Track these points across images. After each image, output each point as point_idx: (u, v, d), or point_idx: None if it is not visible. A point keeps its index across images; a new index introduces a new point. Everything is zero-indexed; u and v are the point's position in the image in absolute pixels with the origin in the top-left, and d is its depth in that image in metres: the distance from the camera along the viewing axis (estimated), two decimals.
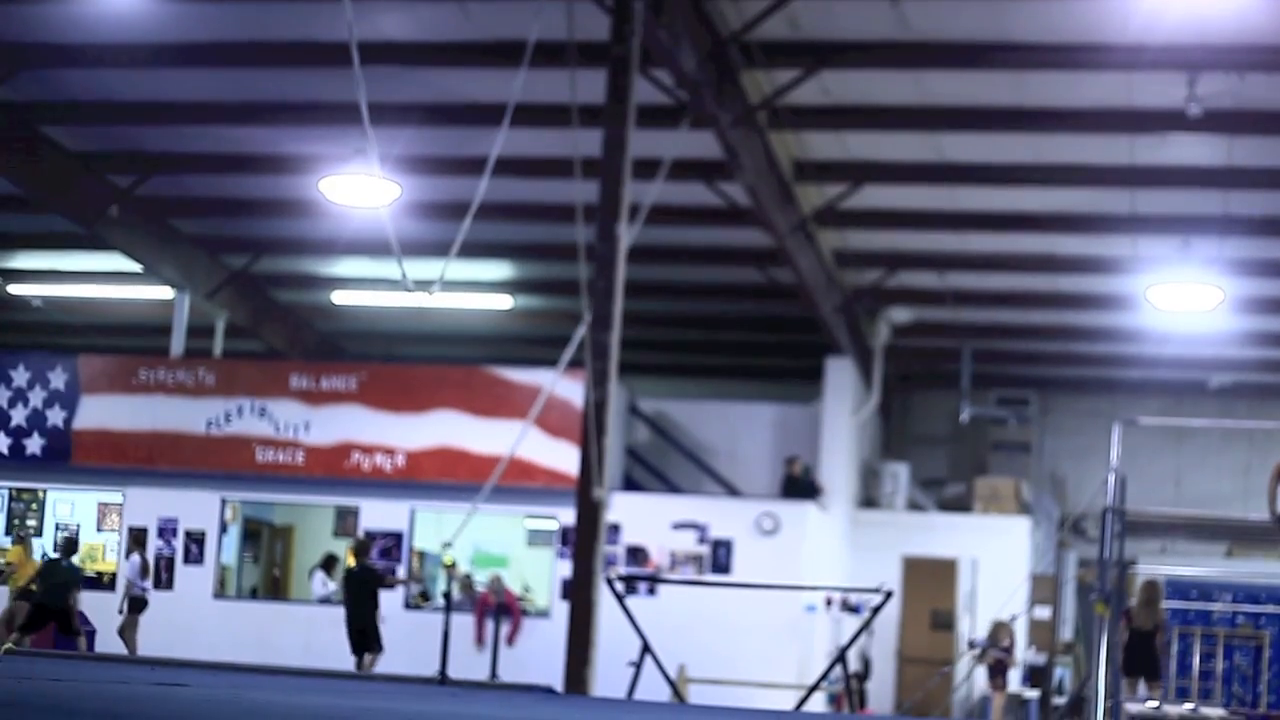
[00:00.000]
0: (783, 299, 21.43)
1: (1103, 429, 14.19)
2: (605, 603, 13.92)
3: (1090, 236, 19.47)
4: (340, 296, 23.68)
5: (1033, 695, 21.84)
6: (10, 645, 15.79)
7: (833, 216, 18.89)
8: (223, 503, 19.47)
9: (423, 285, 13.51)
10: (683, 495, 21.20)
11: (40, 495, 20.24)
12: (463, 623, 18.34)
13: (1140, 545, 19.42)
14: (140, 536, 19.10)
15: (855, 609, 19.90)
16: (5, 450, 19.80)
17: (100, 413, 19.68)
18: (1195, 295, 18.88)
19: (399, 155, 16.82)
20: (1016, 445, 25.59)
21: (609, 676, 14.22)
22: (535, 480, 19.12)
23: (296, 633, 18.89)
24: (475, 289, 22.53)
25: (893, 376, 25.09)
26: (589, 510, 13.83)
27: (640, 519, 19.66)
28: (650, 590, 18.54)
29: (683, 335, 25.00)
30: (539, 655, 17.93)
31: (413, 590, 19.64)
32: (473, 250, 16.84)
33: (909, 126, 16.52)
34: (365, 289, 23.20)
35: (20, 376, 19.94)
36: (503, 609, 19.02)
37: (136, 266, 21.27)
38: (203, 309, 22.00)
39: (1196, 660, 18.01)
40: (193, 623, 18.85)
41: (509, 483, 19.05)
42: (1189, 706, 13.93)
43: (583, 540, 13.92)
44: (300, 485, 19.24)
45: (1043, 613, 22.57)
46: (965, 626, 22.21)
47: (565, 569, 17.42)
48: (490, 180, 13.24)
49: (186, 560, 19.38)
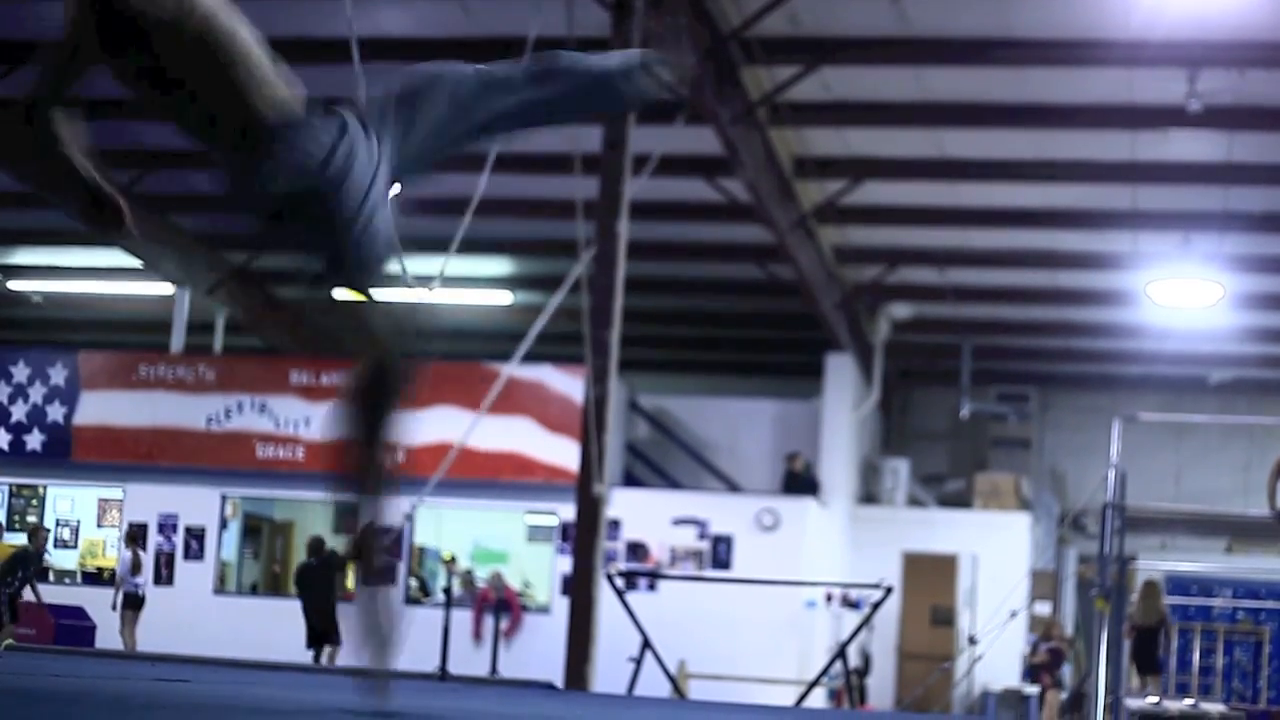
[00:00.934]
0: (783, 295, 21.43)
1: (1103, 425, 14.18)
2: (605, 599, 13.93)
3: (1090, 232, 19.47)
4: (340, 292, 23.64)
5: (1033, 691, 21.87)
6: (10, 641, 15.79)
7: (833, 213, 18.88)
8: (223, 499, 19.48)
9: (422, 281, 13.50)
10: (683, 491, 21.21)
11: (40, 491, 20.25)
12: (462, 618, 18.34)
13: (1140, 541, 19.44)
14: (134, 533, 19.06)
15: (855, 605, 19.90)
16: (5, 446, 19.81)
17: (100, 409, 19.68)
18: (1195, 291, 18.89)
19: None
20: (1017, 441, 25.59)
21: (609, 672, 14.22)
22: (535, 476, 19.14)
23: (297, 629, 18.88)
24: (475, 285, 22.52)
25: (893, 372, 25.09)
26: (589, 506, 13.83)
27: (640, 515, 19.67)
28: (650, 586, 18.55)
29: (683, 331, 25.00)
30: (539, 651, 17.93)
31: (412, 585, 19.65)
32: (472, 246, 16.81)
33: (909, 122, 16.51)
34: None
35: (20, 372, 19.95)
36: (502, 605, 19.03)
37: (137, 263, 21.27)
38: (203, 305, 22.00)
39: (1196, 656, 18.04)
40: (193, 619, 18.86)
41: (509, 479, 19.07)
42: (1189, 702, 13.94)
43: (583, 536, 13.92)
44: (301, 481, 19.24)
45: (1043, 608, 22.59)
46: (965, 622, 22.21)
47: (565, 565, 17.43)
48: (490, 176, 13.22)
49: (187, 556, 19.39)
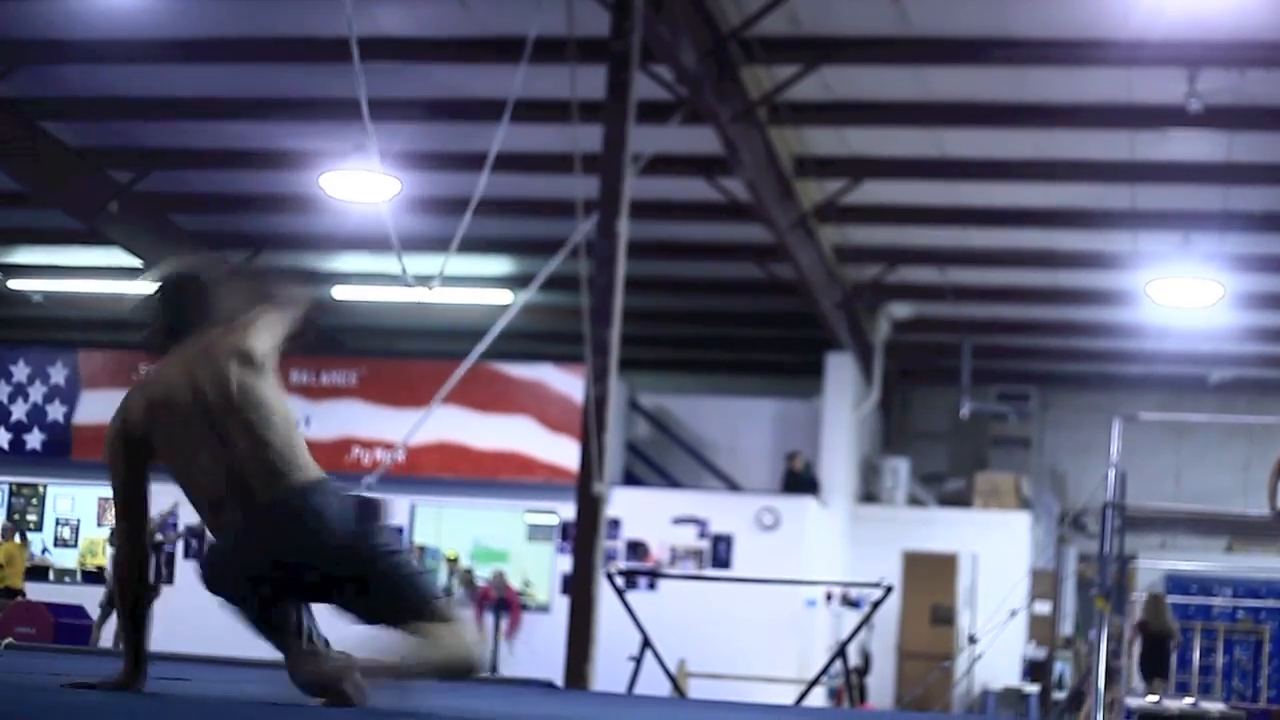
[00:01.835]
0: (783, 294, 21.43)
1: (1103, 424, 14.17)
2: (605, 598, 13.93)
3: (1090, 232, 19.47)
4: (340, 291, 23.68)
5: (1033, 690, 21.88)
6: (11, 640, 15.77)
7: (833, 212, 18.88)
8: None
9: (423, 280, 13.50)
10: (683, 490, 21.22)
11: (41, 490, 20.25)
12: None
13: (1140, 540, 19.44)
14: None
15: (855, 604, 19.92)
16: (5, 445, 19.81)
17: (101, 408, 19.67)
18: (1195, 291, 18.88)
19: (399, 151, 16.82)
20: (1017, 440, 25.60)
21: (609, 671, 14.22)
22: (535, 475, 19.14)
23: None
24: (475, 284, 22.52)
25: (893, 372, 25.09)
26: (589, 505, 13.83)
27: (640, 514, 19.68)
28: (650, 585, 18.55)
29: (683, 331, 25.00)
30: (539, 650, 17.94)
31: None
32: (473, 245, 16.83)
33: (909, 122, 16.51)
34: (365, 284, 23.19)
35: (20, 371, 19.96)
36: (502, 604, 19.03)
37: (137, 262, 21.28)
38: None
39: (1196, 655, 18.04)
40: (193, 617, 18.82)
41: (509, 478, 19.08)
42: (1189, 701, 13.95)
43: (583, 535, 13.92)
44: None
45: (1043, 608, 22.60)
46: (965, 621, 22.22)
47: (565, 564, 17.43)
48: (490, 175, 13.22)
49: (187, 555, 19.38)
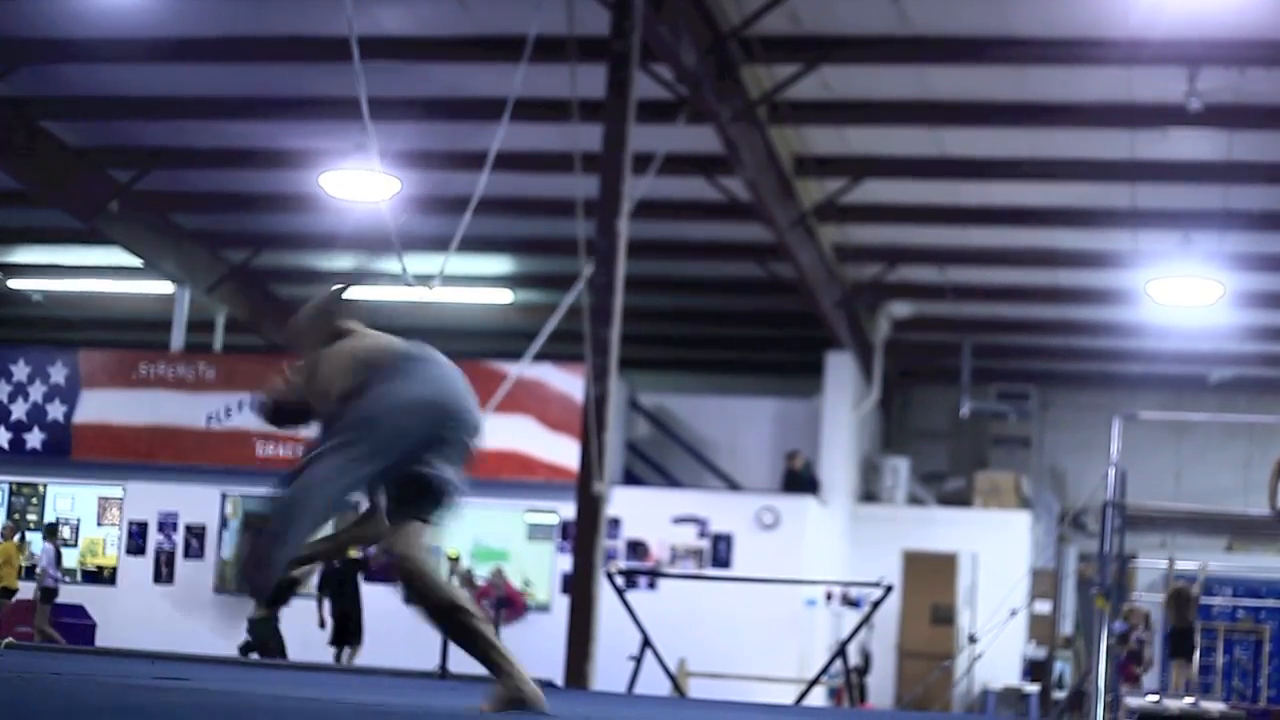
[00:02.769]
0: (783, 294, 21.43)
1: (1103, 423, 14.18)
2: (605, 597, 13.93)
3: (1090, 231, 19.47)
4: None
5: (1033, 689, 21.87)
6: (10, 640, 15.80)
7: (833, 211, 18.89)
8: (223, 497, 19.48)
9: (423, 280, 13.51)
10: (683, 490, 21.21)
11: (40, 489, 20.25)
12: None
13: (1140, 540, 19.42)
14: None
15: (855, 603, 19.91)
16: (5, 444, 19.81)
17: (100, 407, 19.69)
18: (1195, 290, 18.88)
19: (399, 150, 16.82)
20: (1017, 440, 25.59)
21: (609, 671, 14.23)
22: (535, 475, 19.14)
23: (296, 628, 18.89)
24: (475, 283, 22.53)
25: (893, 371, 25.09)
26: (589, 505, 13.84)
27: (640, 513, 19.67)
28: (650, 584, 18.55)
29: (683, 330, 25.01)
30: (539, 649, 17.89)
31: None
32: (473, 245, 16.85)
33: (909, 121, 16.52)
34: (365, 283, 23.18)
35: (20, 371, 19.95)
36: (503, 602, 19.02)
37: (137, 261, 21.28)
38: (203, 304, 22.01)
39: (1197, 654, 18.01)
40: (193, 617, 18.85)
41: (510, 477, 19.08)
42: (1189, 700, 13.93)
43: (583, 535, 13.93)
44: None
45: (1043, 607, 22.59)
46: (965, 621, 22.22)
47: (565, 563, 17.43)
48: (490, 175, 13.23)
49: (187, 555, 19.39)
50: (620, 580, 13.93)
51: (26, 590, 18.39)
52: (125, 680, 5.93)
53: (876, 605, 13.68)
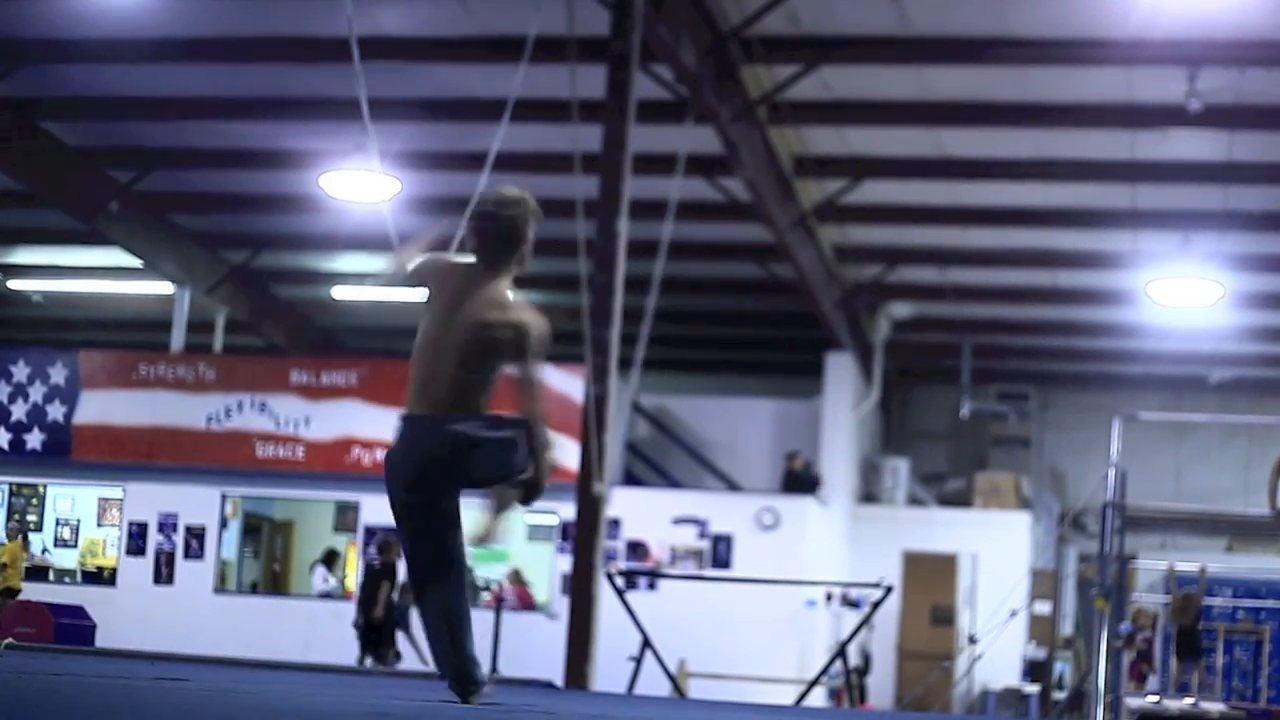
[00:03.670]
0: (783, 294, 21.43)
1: (1103, 424, 14.17)
2: (605, 598, 13.93)
3: (1090, 231, 19.48)
4: (340, 291, 23.68)
5: (1033, 690, 21.87)
6: (10, 640, 15.78)
7: (833, 212, 18.89)
8: (223, 498, 19.48)
9: None
10: (683, 490, 21.21)
11: (41, 490, 20.24)
12: None
13: (1140, 540, 19.41)
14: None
15: (855, 604, 19.91)
16: (5, 445, 19.81)
17: (100, 408, 19.68)
18: (1195, 290, 18.88)
19: (399, 150, 16.82)
20: (1017, 440, 25.58)
21: (609, 671, 14.23)
22: None
23: (297, 628, 18.90)
24: None
25: (893, 371, 25.09)
26: (589, 505, 13.84)
27: (640, 514, 19.66)
28: (650, 585, 18.54)
29: (683, 330, 25.00)
30: (539, 650, 17.92)
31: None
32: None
33: (909, 121, 16.52)
34: (365, 284, 23.19)
35: (20, 371, 19.94)
36: (500, 602, 19.01)
37: (137, 262, 21.28)
38: (203, 304, 22.02)
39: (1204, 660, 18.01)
40: (193, 618, 18.86)
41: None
42: (1189, 701, 13.92)
43: (583, 535, 13.93)
44: (300, 480, 19.25)
45: (1043, 608, 22.59)
46: (965, 621, 22.22)
47: (565, 564, 17.42)
48: (490, 175, 13.23)
49: (187, 555, 19.38)
50: (620, 581, 13.93)
51: (33, 591, 18.38)
52: (125, 680, 5.93)
53: (876, 606, 13.68)
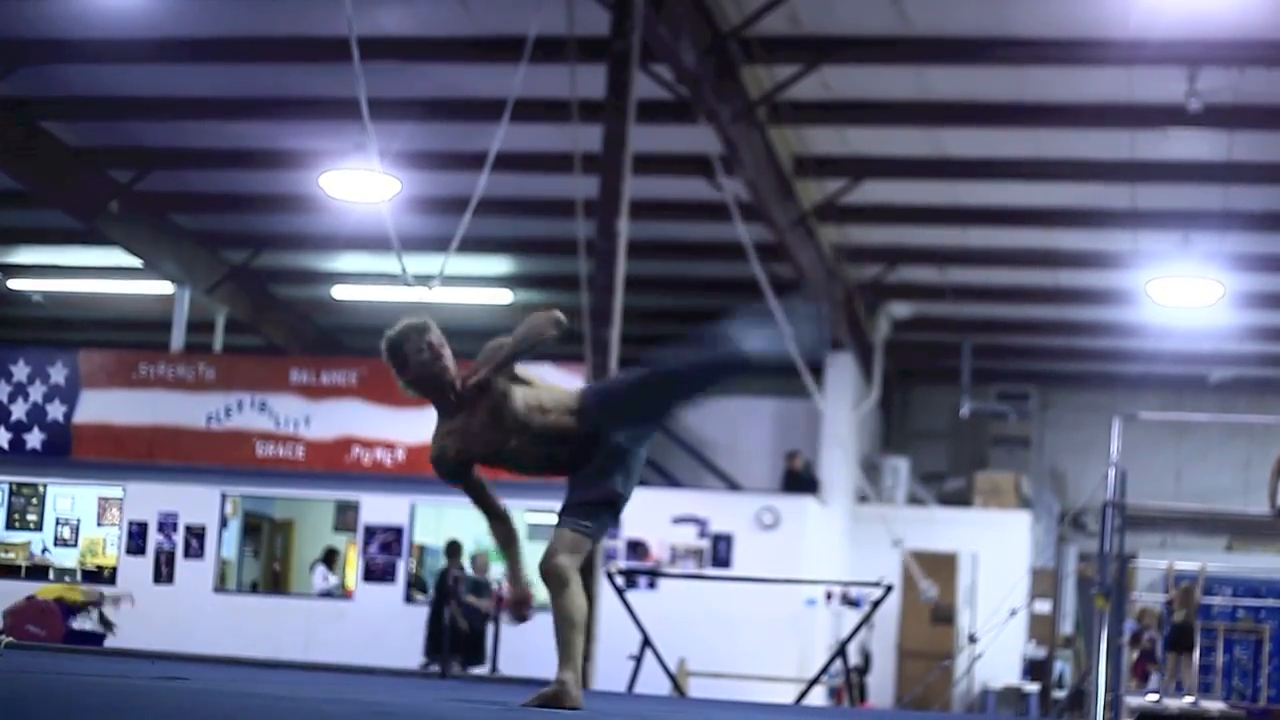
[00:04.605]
0: (783, 294, 21.40)
1: (1103, 424, 14.17)
2: (605, 597, 13.93)
3: (1090, 231, 19.48)
4: (340, 291, 23.69)
5: (1033, 689, 21.88)
6: (10, 640, 15.80)
7: (833, 212, 18.89)
8: (223, 497, 19.48)
9: (422, 280, 13.51)
10: (683, 490, 21.21)
11: (40, 490, 20.24)
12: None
13: (1140, 539, 19.42)
14: None
15: (855, 603, 19.91)
16: (5, 445, 19.81)
17: (100, 407, 19.68)
18: (1195, 290, 18.88)
19: (399, 150, 16.83)
20: (1017, 440, 25.59)
21: (609, 670, 14.24)
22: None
23: (297, 627, 18.90)
24: (475, 284, 22.53)
25: (893, 371, 25.09)
26: None
27: (640, 513, 19.62)
28: (650, 584, 18.55)
29: (683, 330, 24.98)
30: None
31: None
32: (472, 245, 16.85)
33: (909, 122, 16.52)
34: (365, 284, 23.20)
35: (20, 371, 19.94)
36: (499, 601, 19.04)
37: (136, 262, 21.29)
38: (203, 304, 22.02)
39: (1196, 654, 18.00)
40: (193, 617, 18.87)
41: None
42: (1189, 700, 13.93)
43: None
44: (300, 480, 19.25)
45: (1043, 607, 22.60)
46: (965, 620, 22.22)
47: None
48: (490, 175, 13.24)
49: (187, 555, 19.38)
50: (620, 580, 13.93)
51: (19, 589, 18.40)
52: (125, 680, 5.93)
53: (876, 605, 13.68)
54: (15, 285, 24.04)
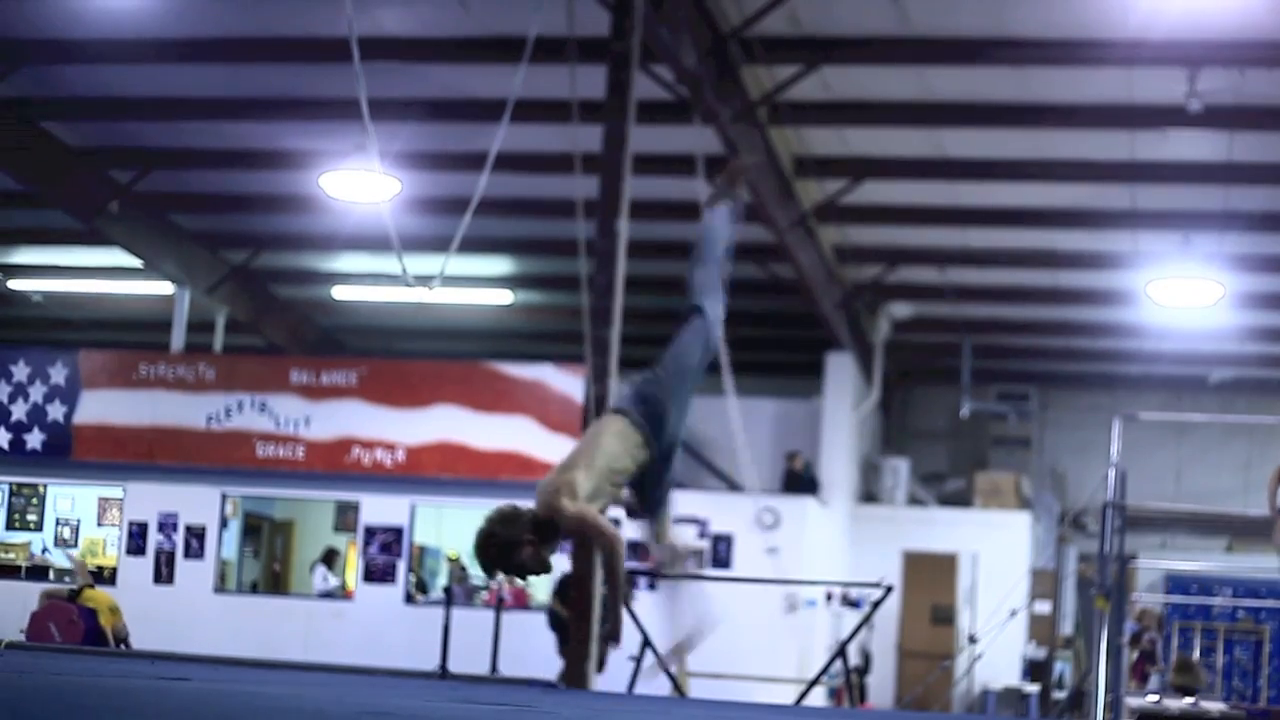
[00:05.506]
0: (783, 294, 21.43)
1: (1103, 424, 14.17)
2: None
3: (1090, 232, 19.48)
4: (340, 291, 23.69)
5: (1033, 689, 21.88)
6: (10, 640, 15.79)
7: (833, 212, 18.89)
8: (223, 498, 19.48)
9: (423, 280, 13.50)
10: (683, 490, 21.18)
11: (41, 490, 20.24)
12: (460, 616, 18.32)
13: (1140, 540, 19.44)
14: None
15: (855, 604, 19.91)
16: (6, 445, 19.81)
17: (100, 408, 19.68)
18: (1195, 290, 18.88)
19: (399, 151, 16.83)
20: (1017, 440, 25.60)
21: (609, 670, 14.23)
22: (535, 475, 19.08)
23: (297, 627, 18.90)
24: (475, 284, 22.54)
25: (893, 372, 25.09)
26: None
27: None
28: (650, 585, 18.54)
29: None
30: (539, 649, 17.93)
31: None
32: (473, 245, 16.86)
33: (909, 122, 16.52)
34: (365, 284, 23.20)
35: (21, 371, 19.94)
36: (501, 601, 19.02)
37: (137, 262, 21.29)
38: (203, 304, 22.02)
39: (1196, 655, 18.00)
40: (193, 617, 18.87)
41: (510, 478, 19.08)
42: (1189, 701, 13.93)
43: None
44: (300, 480, 19.25)
45: (1043, 607, 22.60)
46: (965, 621, 22.22)
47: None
48: (490, 175, 13.23)
49: (187, 555, 19.38)
50: None
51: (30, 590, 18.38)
52: (125, 680, 5.93)
53: (876, 605, 13.67)
54: (15, 285, 24.04)
